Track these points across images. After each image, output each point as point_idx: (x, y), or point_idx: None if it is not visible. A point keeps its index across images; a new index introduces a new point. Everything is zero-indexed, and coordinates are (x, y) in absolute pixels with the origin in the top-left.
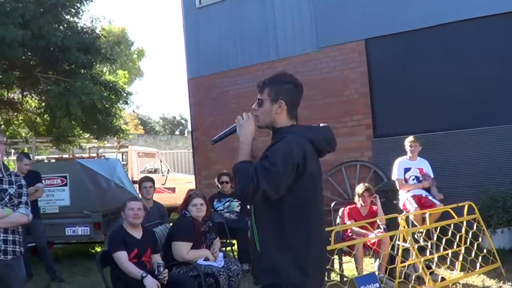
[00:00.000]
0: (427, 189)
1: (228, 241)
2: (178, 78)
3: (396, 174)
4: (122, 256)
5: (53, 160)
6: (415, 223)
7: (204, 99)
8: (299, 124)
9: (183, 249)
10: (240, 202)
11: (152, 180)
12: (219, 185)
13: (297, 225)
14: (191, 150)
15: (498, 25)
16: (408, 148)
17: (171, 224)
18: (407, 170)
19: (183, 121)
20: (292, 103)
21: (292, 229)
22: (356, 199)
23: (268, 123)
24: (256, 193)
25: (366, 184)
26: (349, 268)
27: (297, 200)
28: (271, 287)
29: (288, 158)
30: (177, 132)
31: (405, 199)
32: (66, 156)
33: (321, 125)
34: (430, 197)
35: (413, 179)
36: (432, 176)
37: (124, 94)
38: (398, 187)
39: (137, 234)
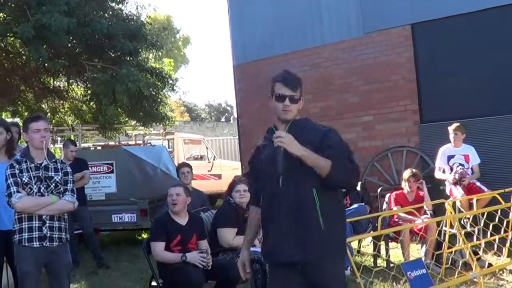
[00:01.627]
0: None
1: None
2: (224, 65)
3: (438, 161)
4: (157, 246)
5: (99, 148)
6: (461, 209)
7: (250, 86)
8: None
9: (228, 235)
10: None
11: (189, 166)
12: None
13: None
14: (237, 137)
15: None
16: (451, 136)
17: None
18: (450, 157)
19: (228, 108)
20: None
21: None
22: (403, 184)
23: (294, 117)
24: (359, 175)
25: (413, 170)
26: (396, 254)
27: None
28: (335, 259)
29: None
30: (222, 119)
31: (452, 185)
32: (112, 143)
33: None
34: (477, 183)
35: (457, 166)
36: (474, 164)
37: (171, 81)
38: (435, 174)
39: (182, 220)
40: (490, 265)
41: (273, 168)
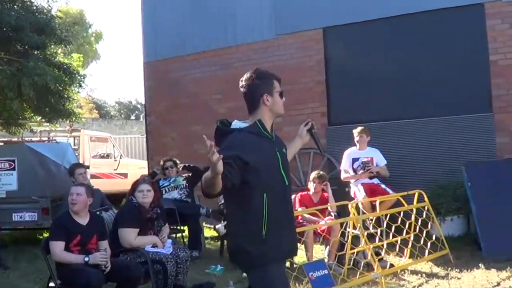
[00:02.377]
0: (380, 177)
1: (178, 227)
2: (135, 62)
3: (343, 163)
4: (56, 246)
5: (1, 144)
6: (364, 211)
7: (159, 84)
8: None
9: (129, 235)
10: (186, 178)
11: (84, 166)
12: (164, 171)
13: None
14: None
15: (450, 18)
16: (356, 139)
17: None
18: (355, 160)
19: (139, 105)
20: None
21: None
22: (309, 185)
23: None
24: None
25: (320, 172)
26: (299, 255)
27: None
28: None
29: None
30: (132, 117)
31: (355, 187)
32: (15, 139)
33: None
34: (382, 185)
35: (361, 169)
36: (382, 164)
37: (78, 77)
38: (342, 178)
39: (83, 220)
40: (392, 265)
41: (276, 164)
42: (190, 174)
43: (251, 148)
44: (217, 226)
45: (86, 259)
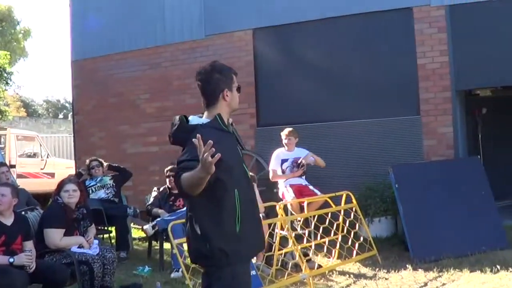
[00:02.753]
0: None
1: (105, 228)
2: (64, 61)
3: (272, 164)
4: None
5: None
6: (292, 212)
7: (87, 83)
8: None
9: (55, 236)
10: (113, 177)
11: (6, 165)
12: (90, 171)
13: None
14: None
15: (380, 22)
16: (284, 141)
17: None
18: (284, 161)
19: (67, 104)
20: None
21: None
22: None
23: None
24: None
25: (250, 173)
26: None
27: None
28: None
29: None
30: (60, 116)
31: (284, 188)
32: None
33: None
34: (310, 187)
35: (290, 170)
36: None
37: (5, 74)
38: (270, 177)
39: (7, 221)
40: (320, 266)
41: (240, 159)
42: (117, 173)
43: (220, 143)
44: (145, 227)
45: (11, 260)
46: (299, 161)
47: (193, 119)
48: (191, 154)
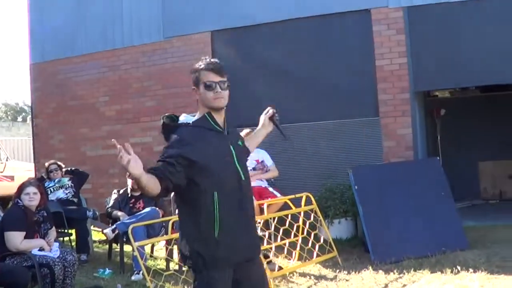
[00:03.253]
0: (269, 180)
1: (66, 231)
2: (22, 63)
3: None
4: None
5: None
6: None
7: (46, 85)
8: None
9: (15, 239)
10: (71, 178)
11: None
12: (48, 174)
13: None
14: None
15: (338, 23)
16: None
17: None
18: None
19: (26, 107)
20: None
21: None
22: None
23: (226, 104)
24: None
25: None
26: None
27: None
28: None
29: None
30: (19, 119)
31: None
32: None
33: None
34: (270, 188)
35: (250, 170)
36: (268, 165)
37: None
38: None
39: None
40: (280, 268)
41: (229, 158)
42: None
43: (198, 144)
44: (105, 231)
45: None
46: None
47: (184, 118)
48: (162, 155)
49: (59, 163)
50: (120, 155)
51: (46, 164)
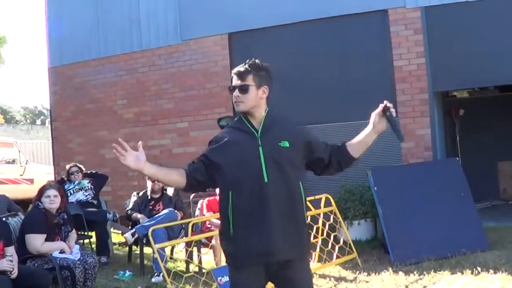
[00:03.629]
0: None
1: (86, 233)
2: (41, 67)
3: None
4: None
5: None
6: None
7: (64, 89)
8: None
9: (36, 241)
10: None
11: None
12: (69, 176)
13: None
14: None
15: (356, 24)
16: None
17: None
18: None
19: (44, 110)
20: (270, 89)
21: None
22: (217, 190)
23: (252, 107)
24: None
25: None
26: (208, 260)
27: None
28: (305, 258)
29: None
30: (38, 122)
31: None
32: None
33: None
34: None
35: None
36: None
37: None
38: None
39: None
40: None
41: (253, 160)
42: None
43: (224, 144)
44: (125, 235)
45: None
46: None
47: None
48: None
49: (79, 165)
50: (118, 156)
51: (67, 166)
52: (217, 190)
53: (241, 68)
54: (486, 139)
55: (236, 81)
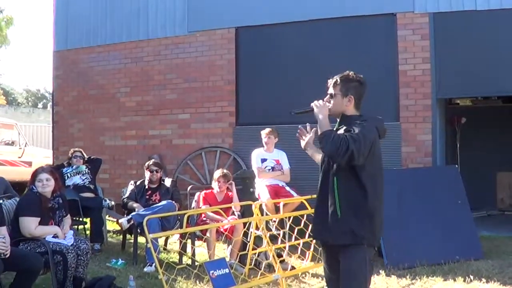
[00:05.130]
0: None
1: (80, 219)
2: (46, 50)
3: (254, 163)
4: None
5: None
6: (266, 212)
7: (68, 73)
8: (364, 114)
9: (30, 224)
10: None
11: None
12: (71, 160)
13: (373, 195)
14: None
15: (363, 26)
16: (264, 140)
17: None
18: (263, 160)
19: (47, 94)
20: (358, 97)
21: (371, 198)
22: (213, 184)
23: (338, 112)
24: (346, 152)
25: (224, 170)
26: (202, 252)
27: (371, 174)
28: (350, 246)
29: (366, 136)
30: (40, 106)
31: (261, 188)
32: None
33: (379, 117)
34: (287, 188)
35: (269, 170)
36: (284, 168)
37: None
38: (257, 176)
39: None
40: (293, 268)
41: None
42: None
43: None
44: (120, 220)
45: None
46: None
47: None
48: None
49: (83, 152)
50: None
51: (72, 150)
52: (213, 184)
53: (334, 77)
54: (486, 148)
55: (329, 89)
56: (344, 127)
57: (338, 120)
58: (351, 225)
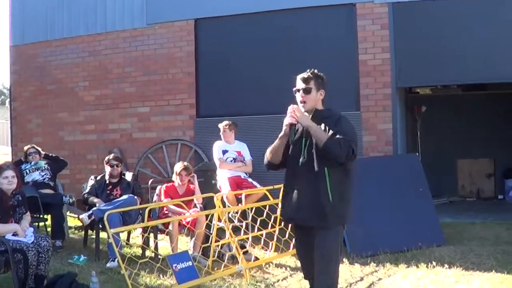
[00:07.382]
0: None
1: (41, 216)
2: (2, 45)
3: (216, 154)
4: None
5: None
6: (227, 203)
7: (25, 68)
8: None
9: None
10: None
11: None
12: (27, 158)
13: (353, 182)
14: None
15: (323, 17)
16: (221, 132)
17: None
18: (224, 152)
19: (5, 90)
20: (326, 92)
21: (352, 185)
22: (174, 177)
23: (312, 107)
24: (352, 154)
25: (185, 163)
26: (164, 246)
27: (352, 167)
28: (330, 228)
29: (355, 132)
30: None
31: (222, 180)
32: None
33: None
34: (249, 179)
35: (231, 161)
36: (246, 159)
37: None
38: (218, 167)
39: None
40: (256, 258)
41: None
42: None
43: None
44: (81, 216)
45: None
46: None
47: None
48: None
49: (38, 148)
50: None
51: (25, 147)
52: (174, 177)
53: (304, 73)
54: (446, 136)
55: (299, 84)
56: (328, 124)
57: (309, 115)
58: (341, 210)
